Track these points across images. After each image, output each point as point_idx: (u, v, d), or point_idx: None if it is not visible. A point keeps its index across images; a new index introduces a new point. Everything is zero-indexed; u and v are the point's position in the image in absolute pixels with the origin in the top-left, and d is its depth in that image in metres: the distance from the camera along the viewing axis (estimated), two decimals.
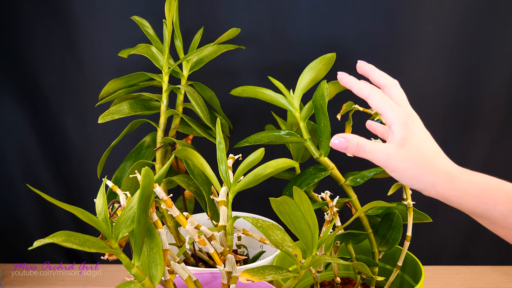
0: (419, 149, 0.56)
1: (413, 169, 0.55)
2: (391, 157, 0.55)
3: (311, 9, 1.00)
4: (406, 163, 0.55)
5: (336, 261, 0.69)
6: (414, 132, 0.56)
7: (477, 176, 0.56)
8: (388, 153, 0.56)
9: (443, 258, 1.16)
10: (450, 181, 0.55)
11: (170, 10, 0.82)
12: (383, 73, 0.61)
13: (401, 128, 0.56)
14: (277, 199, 0.58)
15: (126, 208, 0.58)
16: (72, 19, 1.02)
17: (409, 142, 0.56)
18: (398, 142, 0.56)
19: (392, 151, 0.55)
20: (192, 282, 0.65)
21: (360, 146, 0.56)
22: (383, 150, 0.56)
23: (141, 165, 0.81)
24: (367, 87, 0.59)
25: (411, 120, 0.57)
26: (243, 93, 0.87)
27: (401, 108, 0.57)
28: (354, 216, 0.77)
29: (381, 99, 0.57)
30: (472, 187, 0.54)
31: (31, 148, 1.12)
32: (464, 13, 0.99)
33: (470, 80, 1.04)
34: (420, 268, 0.83)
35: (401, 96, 0.59)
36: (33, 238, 0.56)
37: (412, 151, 0.55)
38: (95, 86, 1.03)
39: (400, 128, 0.56)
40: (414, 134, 0.56)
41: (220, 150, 0.68)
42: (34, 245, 0.48)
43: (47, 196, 0.52)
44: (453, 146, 1.08)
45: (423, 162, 0.55)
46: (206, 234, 0.65)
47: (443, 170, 0.56)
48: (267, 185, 0.91)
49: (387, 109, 0.57)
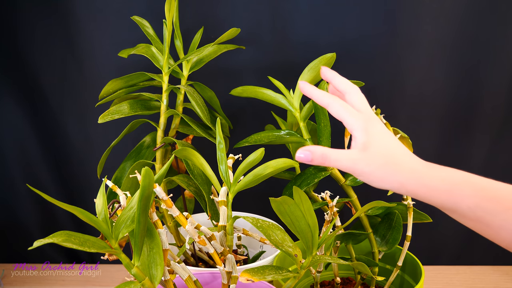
0: (382, 151, 0.57)
1: (379, 171, 0.56)
2: (356, 162, 0.57)
3: (311, 9, 1.00)
4: (371, 167, 0.56)
5: (336, 261, 0.69)
6: (376, 135, 0.57)
7: (445, 172, 0.57)
8: (353, 159, 0.57)
9: (443, 258, 1.16)
10: (418, 179, 0.56)
11: (170, 10, 0.82)
12: (344, 80, 0.62)
13: (362, 133, 0.57)
14: (277, 199, 0.58)
15: (126, 208, 0.58)
16: (72, 19, 1.02)
17: (372, 145, 0.57)
18: (360, 147, 0.57)
19: (356, 156, 0.57)
20: (192, 282, 0.65)
21: (325, 156, 0.57)
22: (348, 157, 0.57)
23: (141, 165, 0.81)
24: (326, 96, 0.60)
25: (371, 124, 0.58)
26: (243, 93, 0.87)
27: (361, 113, 0.58)
28: (354, 216, 0.77)
29: (340, 107, 0.58)
30: (440, 183, 0.55)
31: (31, 148, 1.12)
32: (464, 13, 0.99)
33: (470, 80, 1.04)
34: (420, 268, 0.83)
35: (361, 102, 0.60)
36: (33, 238, 0.56)
37: (376, 154, 0.57)
38: (95, 86, 1.03)
39: (361, 133, 0.57)
40: (376, 138, 0.57)
41: (220, 150, 0.68)
42: (34, 245, 0.48)
43: (47, 196, 0.52)
44: (453, 146, 1.08)
45: (388, 164, 0.57)
46: (206, 234, 0.65)
47: (409, 168, 0.57)
48: (267, 185, 0.91)
49: (347, 116, 0.58)
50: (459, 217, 0.56)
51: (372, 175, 0.57)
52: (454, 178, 0.56)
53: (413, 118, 1.06)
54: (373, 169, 0.56)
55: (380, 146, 0.57)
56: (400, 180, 0.56)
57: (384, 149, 0.57)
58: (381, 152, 0.57)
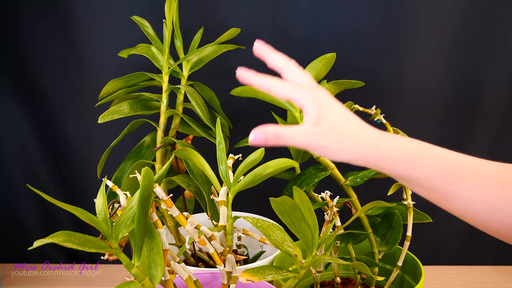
0: (336, 123, 0.55)
1: (335, 144, 0.54)
2: (312, 137, 0.54)
3: (311, 9, 1.00)
4: (327, 140, 0.54)
5: (336, 261, 0.69)
6: (327, 107, 0.55)
7: (400, 141, 0.56)
8: (308, 134, 0.54)
9: (443, 258, 1.16)
10: (374, 148, 0.54)
11: (170, 10, 0.82)
12: (278, 56, 0.59)
13: (313, 107, 0.54)
14: (277, 199, 0.58)
15: (126, 208, 0.58)
16: (72, 19, 1.02)
17: (325, 118, 0.54)
18: (314, 121, 0.54)
19: (311, 131, 0.54)
20: (192, 282, 0.65)
21: (279, 135, 0.54)
22: (303, 133, 0.54)
23: (141, 165, 0.81)
24: (266, 79, 0.56)
25: (320, 96, 0.55)
26: (243, 93, 0.87)
27: (306, 87, 0.56)
28: (354, 216, 0.77)
29: (282, 86, 0.55)
30: (396, 153, 0.54)
31: (31, 148, 1.12)
32: (464, 12, 0.99)
33: (470, 79, 1.04)
34: (420, 268, 0.83)
35: (302, 75, 0.57)
36: (33, 238, 0.56)
37: (331, 126, 0.54)
38: (95, 86, 1.03)
39: (312, 107, 0.54)
40: (328, 110, 0.55)
41: (220, 150, 0.68)
42: (34, 245, 0.48)
43: (47, 196, 0.52)
44: (453, 146, 1.08)
45: (343, 135, 0.55)
46: (206, 234, 0.65)
47: (365, 138, 0.55)
48: (267, 185, 0.91)
49: (292, 92, 0.55)
50: (415, 186, 0.56)
51: (328, 148, 0.55)
52: (410, 148, 0.55)
53: (413, 117, 1.06)
54: (329, 142, 0.54)
55: (333, 118, 0.55)
56: (357, 151, 0.55)
57: (338, 120, 0.55)
58: (336, 124, 0.55)
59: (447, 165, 0.54)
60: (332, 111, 0.55)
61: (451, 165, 0.54)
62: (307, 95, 0.54)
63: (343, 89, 0.85)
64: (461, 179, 0.53)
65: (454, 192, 0.53)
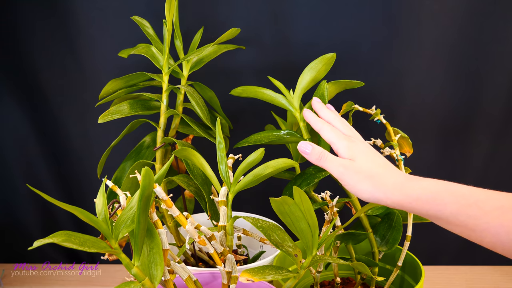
0: (367, 165, 0.64)
1: (365, 182, 0.63)
2: (346, 169, 0.64)
3: (311, 9, 1.00)
4: (359, 175, 0.63)
5: (336, 261, 0.69)
6: (359, 153, 0.65)
7: (426, 182, 0.61)
8: (344, 165, 0.65)
9: (443, 258, 1.16)
10: (401, 190, 0.61)
11: (170, 10, 0.82)
12: (328, 111, 0.73)
13: (346, 150, 0.66)
14: (277, 199, 0.58)
15: (126, 208, 0.58)
16: (72, 19, 1.02)
17: (356, 160, 0.65)
18: (348, 159, 0.65)
19: (347, 163, 0.65)
20: (192, 282, 0.65)
21: (322, 155, 0.66)
22: (340, 162, 0.65)
23: (141, 165, 0.81)
24: (319, 122, 0.71)
25: (354, 144, 0.66)
26: (243, 93, 0.87)
27: (346, 136, 0.68)
28: (354, 216, 0.77)
29: (329, 131, 0.69)
30: (422, 192, 0.60)
31: (31, 148, 1.12)
32: (465, 14, 0.99)
33: (470, 80, 1.03)
34: (420, 268, 0.83)
35: (343, 125, 0.71)
36: (33, 238, 0.56)
37: (361, 166, 0.64)
38: (95, 86, 1.03)
39: (345, 150, 0.66)
40: (360, 155, 0.65)
41: (220, 150, 0.68)
42: (34, 245, 0.48)
43: (47, 196, 0.52)
44: (453, 146, 1.08)
45: (372, 175, 0.63)
46: (206, 234, 0.65)
47: (393, 181, 0.62)
48: (267, 185, 0.91)
49: (335, 139, 0.67)
50: (445, 224, 0.60)
51: (358, 185, 0.63)
52: (435, 187, 0.60)
53: (413, 118, 1.06)
54: (360, 178, 0.63)
55: (364, 161, 0.65)
56: (385, 192, 0.62)
57: (368, 163, 0.64)
58: (366, 165, 0.64)
59: (471, 201, 0.58)
60: (364, 156, 0.65)
61: (474, 200, 0.58)
62: (343, 142, 0.66)
63: (343, 89, 0.85)
64: (487, 213, 0.56)
65: (483, 225, 0.56)
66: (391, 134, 0.83)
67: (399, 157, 0.81)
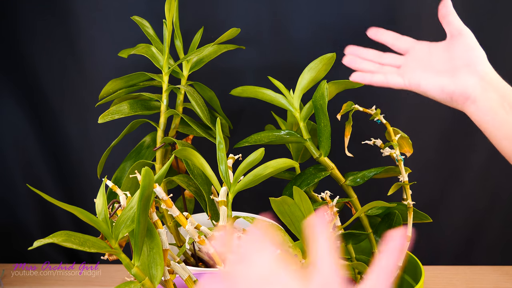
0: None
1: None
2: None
3: (311, 9, 1.00)
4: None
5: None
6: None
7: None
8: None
9: (443, 258, 1.16)
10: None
11: (170, 10, 0.82)
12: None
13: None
14: (277, 199, 0.58)
15: (126, 208, 0.58)
16: (72, 19, 1.02)
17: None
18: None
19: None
20: (192, 282, 0.65)
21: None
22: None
23: (141, 165, 0.81)
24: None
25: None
26: (243, 93, 0.87)
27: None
28: (354, 216, 0.77)
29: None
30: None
31: (31, 148, 1.12)
32: (465, 14, 0.99)
33: None
34: (420, 268, 0.83)
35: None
36: (33, 238, 0.56)
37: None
38: (95, 86, 1.03)
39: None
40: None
41: (220, 150, 0.68)
42: (34, 245, 0.48)
43: (47, 196, 0.52)
44: (453, 146, 1.08)
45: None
46: (206, 234, 0.65)
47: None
48: (267, 185, 0.91)
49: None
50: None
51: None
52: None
53: (413, 118, 1.06)
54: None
55: None
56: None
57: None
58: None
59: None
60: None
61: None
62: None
63: (343, 89, 0.85)
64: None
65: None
66: (391, 134, 0.83)
67: (399, 157, 0.81)
